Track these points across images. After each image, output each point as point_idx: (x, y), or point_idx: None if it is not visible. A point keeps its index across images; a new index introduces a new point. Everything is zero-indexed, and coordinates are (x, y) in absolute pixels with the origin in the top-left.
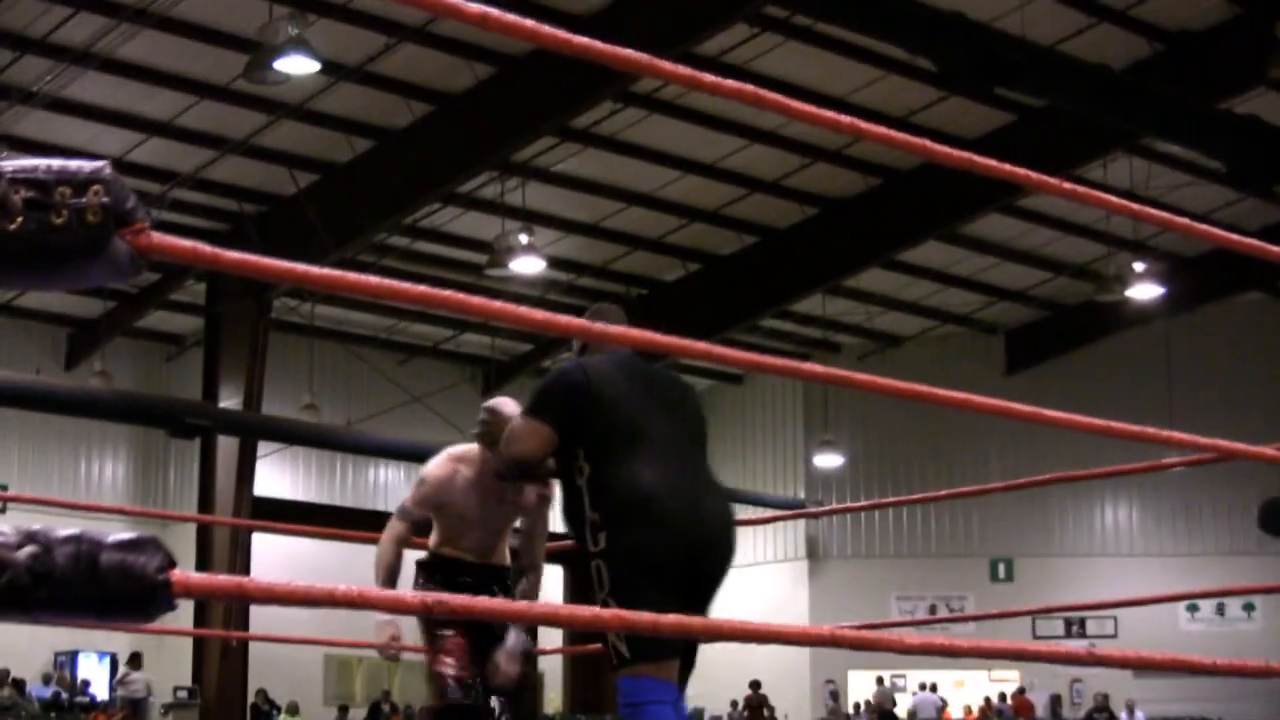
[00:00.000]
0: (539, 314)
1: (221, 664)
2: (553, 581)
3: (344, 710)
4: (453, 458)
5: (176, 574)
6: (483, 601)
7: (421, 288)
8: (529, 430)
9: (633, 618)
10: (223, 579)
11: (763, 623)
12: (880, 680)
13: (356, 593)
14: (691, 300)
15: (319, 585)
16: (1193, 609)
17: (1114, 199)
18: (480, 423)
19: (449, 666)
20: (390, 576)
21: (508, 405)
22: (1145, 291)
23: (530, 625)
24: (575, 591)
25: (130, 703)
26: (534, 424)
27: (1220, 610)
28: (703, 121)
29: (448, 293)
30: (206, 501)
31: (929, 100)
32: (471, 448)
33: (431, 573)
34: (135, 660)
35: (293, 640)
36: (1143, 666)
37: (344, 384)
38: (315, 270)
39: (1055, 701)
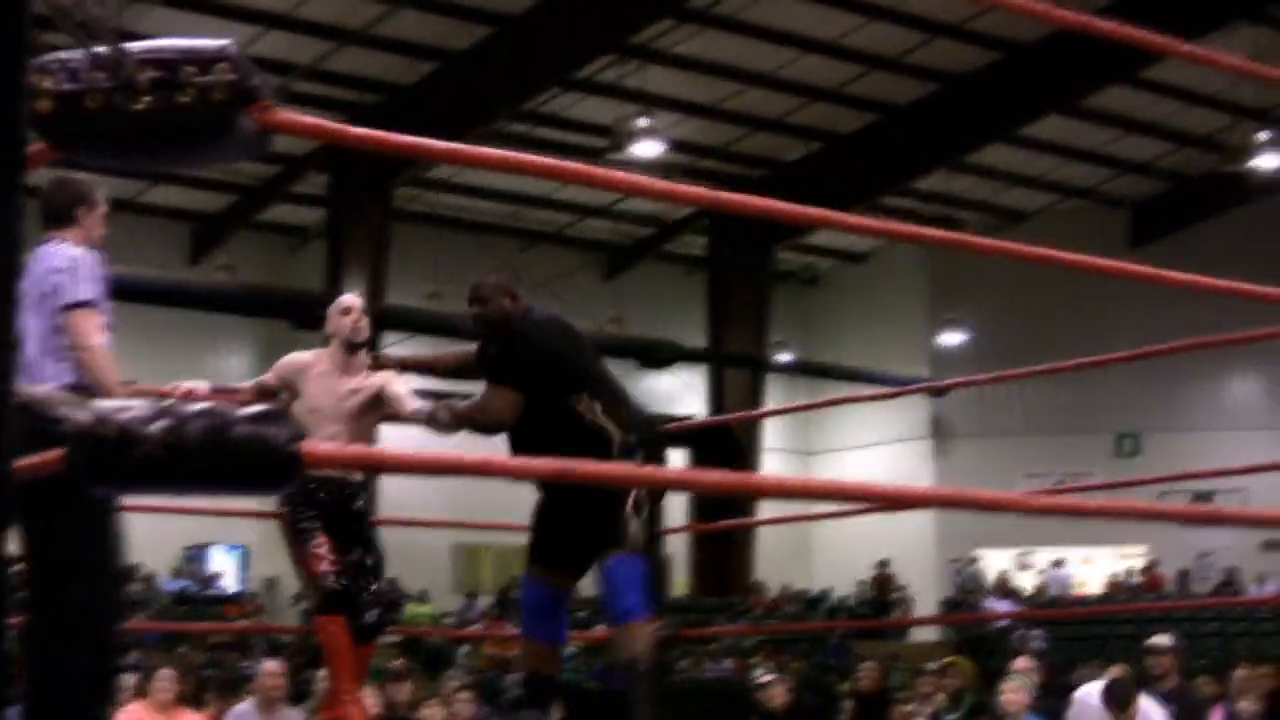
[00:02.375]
0: (660, 183)
1: None
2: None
3: (472, 597)
4: (316, 352)
5: (306, 445)
6: (617, 467)
7: (545, 159)
8: None
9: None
10: (351, 449)
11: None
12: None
13: (483, 460)
14: (814, 180)
15: (447, 454)
16: None
17: (1240, 62)
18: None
19: (323, 561)
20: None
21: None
22: (1271, 161)
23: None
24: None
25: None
26: None
27: None
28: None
29: (571, 163)
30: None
31: None
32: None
33: None
34: None
35: (421, 523)
36: (1270, 525)
37: (467, 272)
38: (439, 145)
39: (1184, 576)
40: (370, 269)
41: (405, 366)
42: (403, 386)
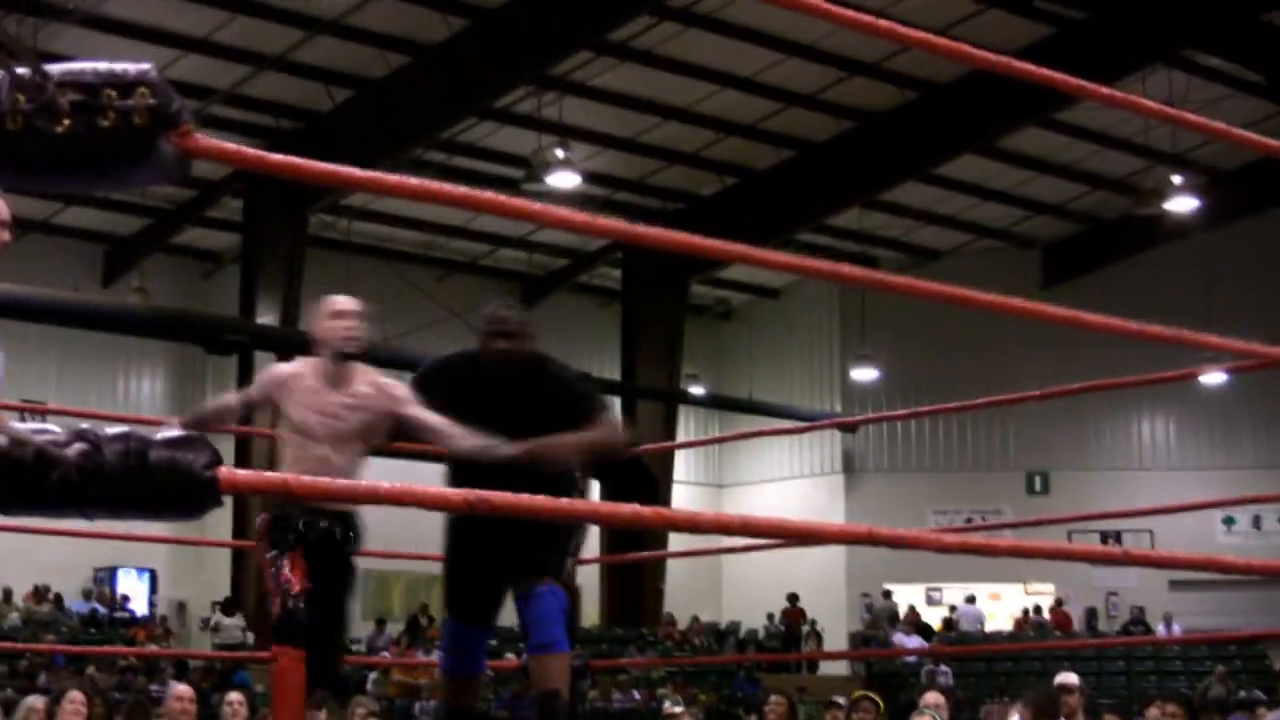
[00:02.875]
0: (577, 215)
1: (260, 578)
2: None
3: (381, 623)
4: (302, 361)
5: (224, 470)
6: (527, 499)
7: (461, 189)
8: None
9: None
10: (269, 475)
11: (802, 521)
12: (887, 593)
13: (401, 489)
14: (729, 214)
15: (363, 482)
16: (1229, 522)
17: (1156, 106)
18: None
19: (292, 583)
20: (202, 416)
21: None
22: (1183, 205)
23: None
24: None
25: (225, 648)
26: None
27: (1257, 523)
28: (739, 35)
29: (487, 193)
30: (243, 418)
31: (967, 13)
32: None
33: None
34: (228, 606)
35: None
36: (1176, 567)
37: (381, 300)
38: (358, 173)
39: (1091, 614)
40: (284, 295)
41: None
42: (427, 411)
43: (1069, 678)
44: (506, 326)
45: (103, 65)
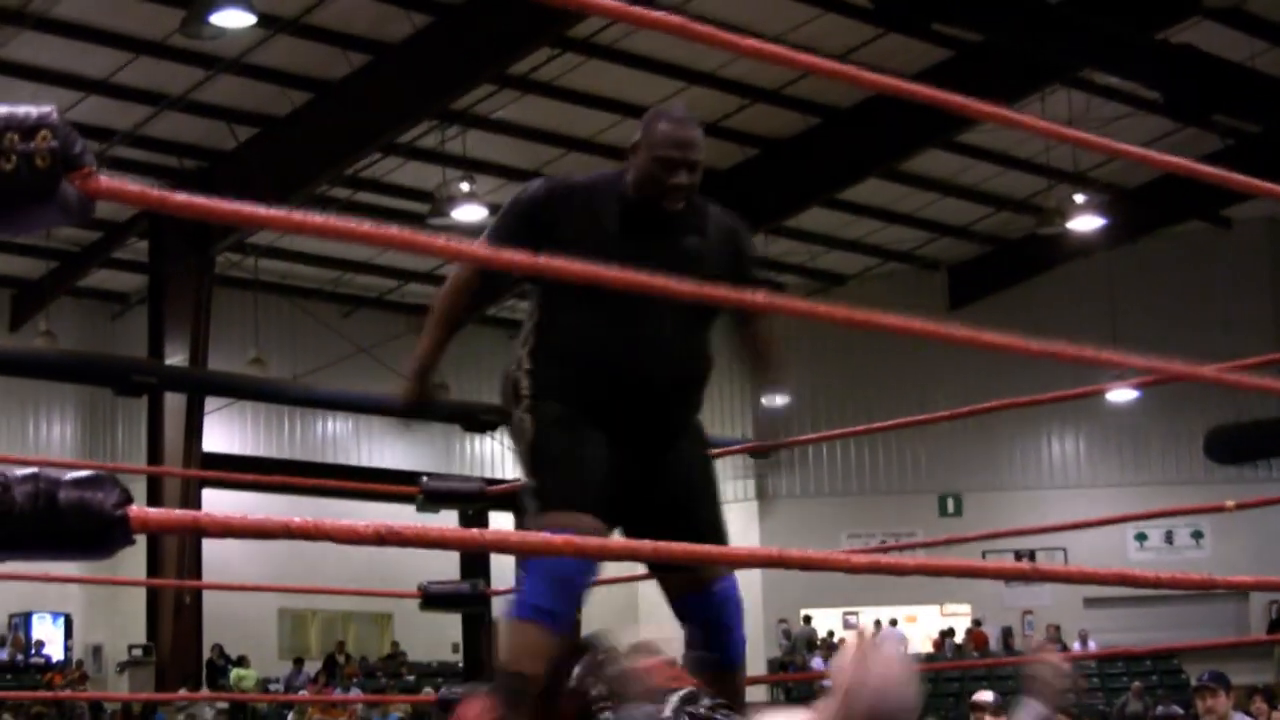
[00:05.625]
0: (483, 250)
1: (176, 620)
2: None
3: (299, 663)
4: None
5: (134, 509)
6: (439, 529)
7: (367, 226)
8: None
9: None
10: (179, 513)
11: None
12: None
13: (312, 525)
14: None
15: (274, 518)
16: (1141, 538)
17: (1058, 127)
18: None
19: None
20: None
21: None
22: (1086, 223)
23: None
24: None
25: None
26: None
27: (1169, 539)
28: (640, 65)
29: (392, 230)
30: (155, 458)
31: (866, 38)
32: None
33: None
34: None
35: (247, 588)
36: (1084, 581)
37: (290, 338)
38: (262, 211)
39: (1007, 634)
40: (192, 334)
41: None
42: None
43: (985, 696)
44: (695, 153)
45: (3, 109)
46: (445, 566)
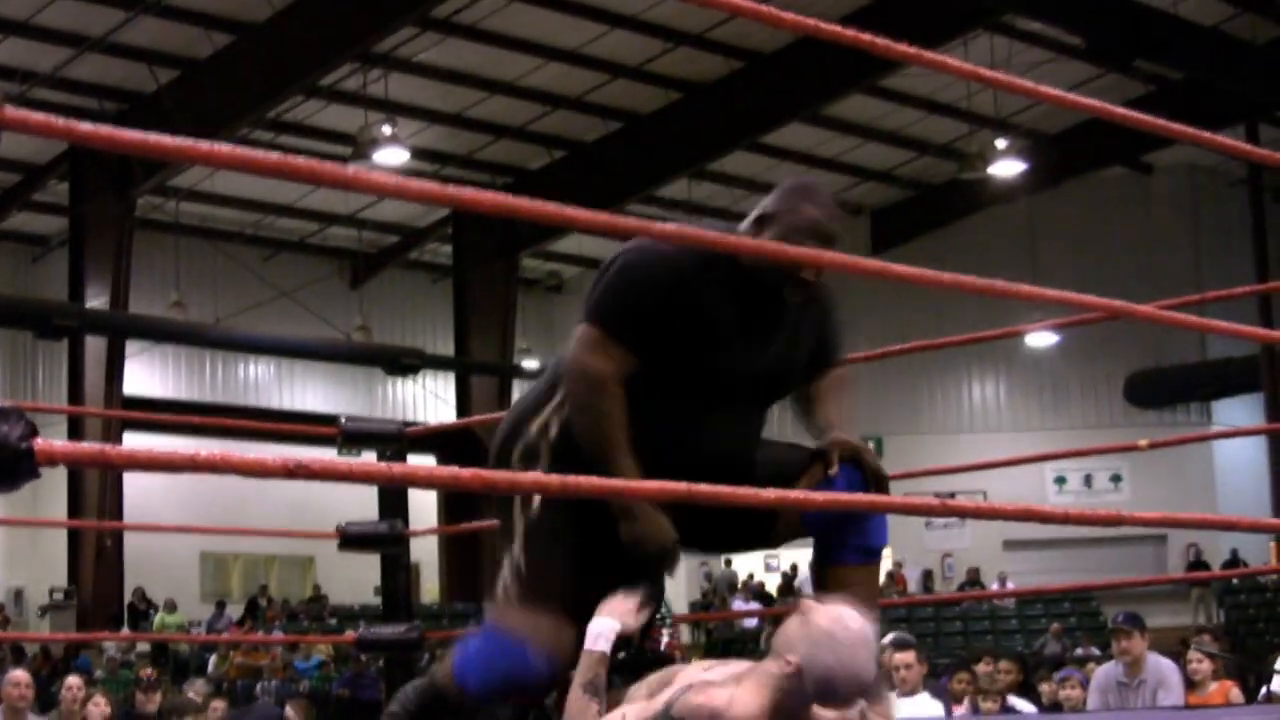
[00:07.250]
0: (411, 183)
1: (97, 564)
2: None
3: (221, 606)
4: None
5: (40, 441)
6: (353, 466)
7: (281, 158)
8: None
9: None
10: (86, 446)
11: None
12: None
13: (219, 457)
14: (557, 187)
15: (181, 451)
16: (1061, 481)
17: (980, 70)
18: None
19: None
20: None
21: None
22: (1008, 168)
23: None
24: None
25: None
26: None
27: (1088, 482)
28: (564, 8)
29: (308, 162)
30: (76, 401)
31: None
32: None
33: None
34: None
35: (168, 528)
36: (996, 518)
37: (211, 281)
38: (171, 142)
39: (927, 576)
40: (112, 278)
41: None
42: None
43: (903, 636)
44: (833, 226)
45: None
46: (367, 511)
